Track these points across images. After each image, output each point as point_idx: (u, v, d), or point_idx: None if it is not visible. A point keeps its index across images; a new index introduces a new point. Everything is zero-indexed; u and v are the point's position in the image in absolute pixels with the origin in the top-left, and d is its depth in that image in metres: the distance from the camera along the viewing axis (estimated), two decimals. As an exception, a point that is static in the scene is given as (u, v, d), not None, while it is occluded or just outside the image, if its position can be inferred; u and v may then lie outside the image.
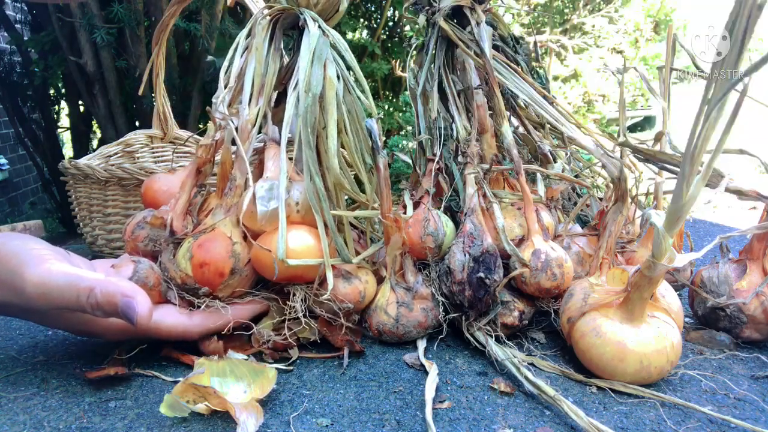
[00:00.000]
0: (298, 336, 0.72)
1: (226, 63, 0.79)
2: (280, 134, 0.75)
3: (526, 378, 0.64)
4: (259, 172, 0.77)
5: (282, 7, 0.79)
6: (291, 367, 0.70)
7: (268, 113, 0.79)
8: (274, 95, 0.83)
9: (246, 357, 0.66)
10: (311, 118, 0.72)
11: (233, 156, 0.75)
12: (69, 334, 0.81)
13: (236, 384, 0.61)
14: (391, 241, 0.74)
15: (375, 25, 2.37)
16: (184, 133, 1.30)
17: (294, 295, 0.70)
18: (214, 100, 0.78)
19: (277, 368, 0.66)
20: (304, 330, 0.72)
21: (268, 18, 0.80)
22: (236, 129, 0.75)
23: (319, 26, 0.76)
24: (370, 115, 0.78)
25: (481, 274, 0.71)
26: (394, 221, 0.73)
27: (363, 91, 0.80)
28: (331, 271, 0.68)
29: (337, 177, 0.73)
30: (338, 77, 0.76)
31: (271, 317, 0.73)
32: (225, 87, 0.78)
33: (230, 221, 0.71)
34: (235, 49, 0.80)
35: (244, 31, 0.81)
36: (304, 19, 0.77)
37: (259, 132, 0.78)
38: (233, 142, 0.75)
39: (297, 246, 0.68)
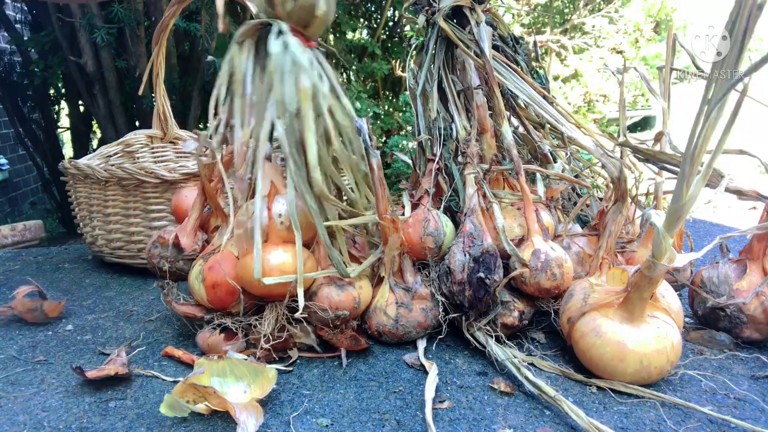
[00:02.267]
0: (296, 341, 0.73)
1: (215, 91, 0.78)
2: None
3: (527, 378, 0.64)
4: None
5: (259, 23, 0.76)
6: (290, 368, 0.70)
7: (261, 132, 0.77)
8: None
9: (246, 357, 0.66)
10: (291, 138, 0.70)
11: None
12: (69, 334, 0.81)
13: (236, 384, 0.61)
14: (389, 242, 0.74)
15: (375, 25, 2.37)
16: (184, 133, 1.30)
17: (270, 312, 0.71)
18: (210, 127, 0.79)
19: (277, 368, 0.66)
20: (301, 336, 0.72)
21: (249, 37, 0.76)
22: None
23: (283, 38, 0.72)
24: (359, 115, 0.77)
25: (481, 274, 0.71)
26: (391, 222, 0.73)
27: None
28: (302, 288, 0.68)
29: (321, 190, 0.71)
30: (328, 85, 0.74)
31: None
32: (216, 114, 0.77)
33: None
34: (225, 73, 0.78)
35: (229, 55, 0.79)
36: (277, 31, 0.73)
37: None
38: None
39: (278, 263, 0.68)
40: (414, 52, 1.05)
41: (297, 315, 0.68)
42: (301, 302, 0.67)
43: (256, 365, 0.63)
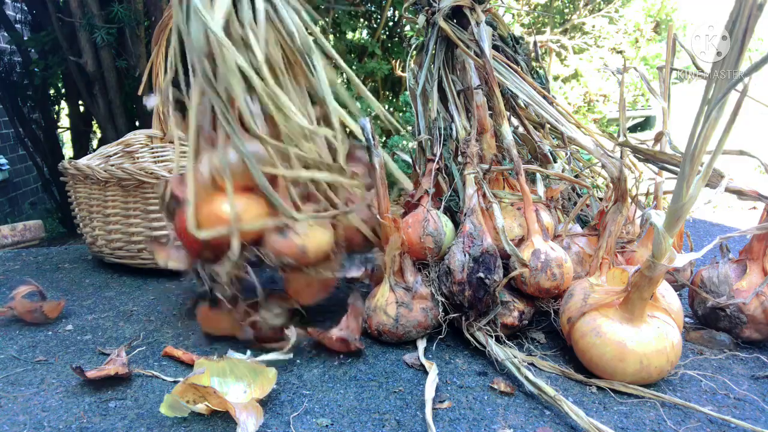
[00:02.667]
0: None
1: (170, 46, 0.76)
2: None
3: (527, 378, 0.64)
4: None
5: None
6: (289, 355, 0.69)
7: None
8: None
9: (245, 356, 0.66)
10: (210, 84, 0.67)
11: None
12: (68, 334, 0.81)
13: (236, 384, 0.61)
14: (390, 241, 0.74)
15: (375, 25, 2.37)
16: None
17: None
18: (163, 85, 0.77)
19: (276, 358, 0.66)
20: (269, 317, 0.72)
21: None
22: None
23: None
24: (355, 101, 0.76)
25: (481, 275, 0.71)
26: (392, 221, 0.73)
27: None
28: (237, 237, 0.67)
29: (254, 131, 0.68)
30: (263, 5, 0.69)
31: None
32: (166, 71, 0.75)
33: None
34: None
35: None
36: None
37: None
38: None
39: (226, 212, 0.69)
40: (414, 52, 1.05)
41: (222, 269, 0.68)
42: (235, 250, 0.67)
43: (256, 365, 0.63)
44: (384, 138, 2.20)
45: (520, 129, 0.97)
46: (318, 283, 0.76)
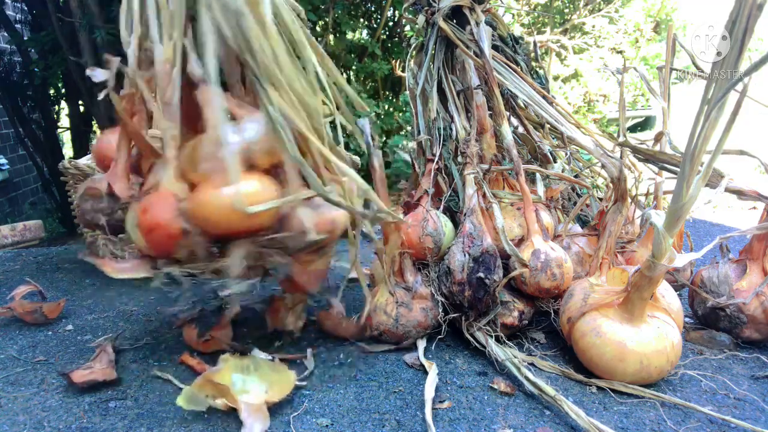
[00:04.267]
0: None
1: (123, 4, 0.66)
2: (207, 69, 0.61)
3: (527, 378, 0.64)
4: (186, 116, 0.64)
5: None
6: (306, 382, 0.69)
7: (187, 46, 0.63)
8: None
9: (271, 357, 0.66)
10: (240, 40, 0.59)
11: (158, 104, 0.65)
12: (69, 334, 0.81)
13: (259, 384, 0.60)
14: (390, 241, 0.74)
15: (375, 25, 2.37)
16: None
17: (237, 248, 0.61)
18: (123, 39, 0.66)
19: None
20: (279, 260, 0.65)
21: None
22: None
23: None
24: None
25: (481, 275, 0.71)
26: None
27: None
28: (303, 207, 0.61)
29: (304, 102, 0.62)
30: None
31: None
32: (127, 29, 0.65)
33: (174, 176, 0.61)
34: None
35: None
36: None
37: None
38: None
39: (251, 191, 0.59)
40: (413, 52, 1.05)
41: (235, 257, 0.59)
42: (307, 220, 0.60)
43: (277, 365, 0.62)
44: (384, 138, 2.20)
45: (520, 129, 0.97)
46: (321, 266, 0.68)
